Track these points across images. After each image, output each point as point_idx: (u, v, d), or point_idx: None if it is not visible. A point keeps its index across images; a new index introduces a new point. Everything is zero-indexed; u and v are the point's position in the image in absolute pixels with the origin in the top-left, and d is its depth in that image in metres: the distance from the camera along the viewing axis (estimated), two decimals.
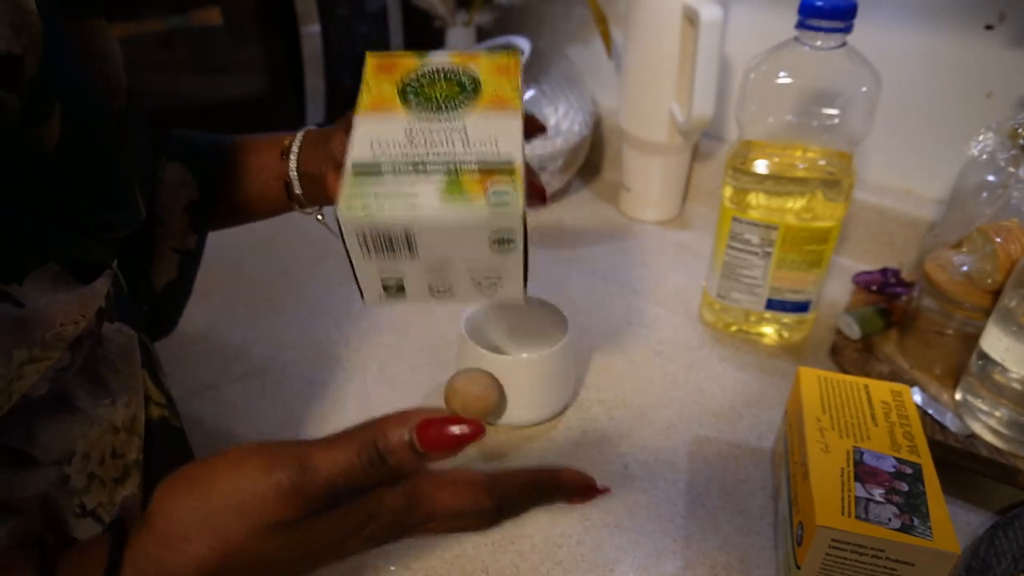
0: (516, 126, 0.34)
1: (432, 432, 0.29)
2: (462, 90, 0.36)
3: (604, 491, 0.34)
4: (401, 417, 0.29)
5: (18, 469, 0.31)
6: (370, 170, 0.32)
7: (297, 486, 0.27)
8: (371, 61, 0.38)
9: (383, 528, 0.30)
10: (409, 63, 0.37)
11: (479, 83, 0.36)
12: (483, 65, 0.37)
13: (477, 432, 0.29)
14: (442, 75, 0.37)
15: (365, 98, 0.36)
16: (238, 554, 0.28)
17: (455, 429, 0.29)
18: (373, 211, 0.31)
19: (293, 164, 0.50)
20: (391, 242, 0.32)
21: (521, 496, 0.33)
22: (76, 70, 0.36)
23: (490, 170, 0.32)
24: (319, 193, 0.51)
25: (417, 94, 0.36)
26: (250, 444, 0.29)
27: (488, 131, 0.34)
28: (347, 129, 0.44)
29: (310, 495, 0.28)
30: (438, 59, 0.38)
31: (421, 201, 0.31)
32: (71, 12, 0.37)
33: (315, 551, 0.30)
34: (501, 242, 0.32)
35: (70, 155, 0.34)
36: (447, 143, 0.33)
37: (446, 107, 0.35)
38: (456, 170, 0.32)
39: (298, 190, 0.50)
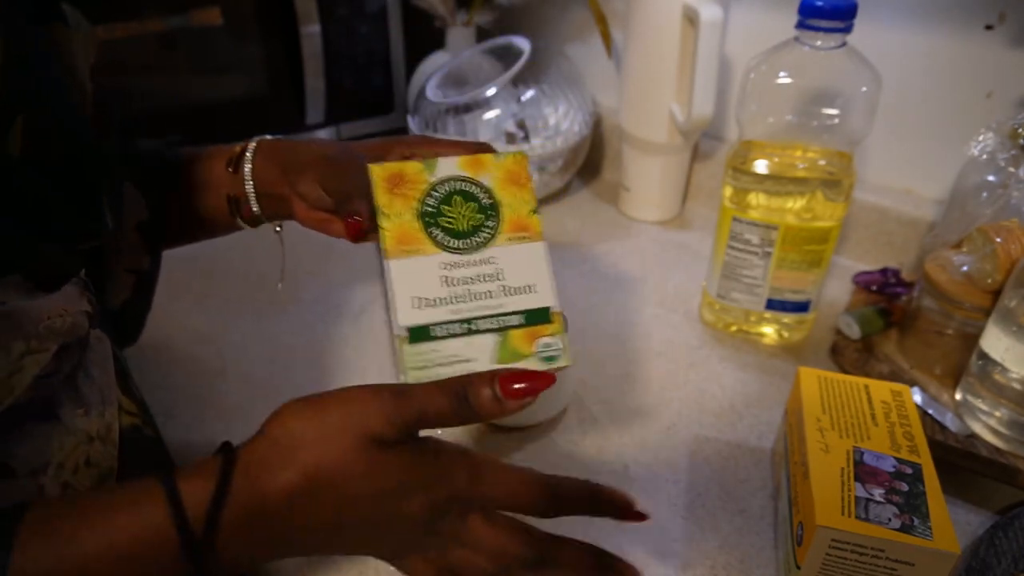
0: (542, 257, 0.37)
1: (511, 379, 0.33)
2: (483, 215, 0.37)
3: (644, 517, 0.35)
4: (486, 373, 0.33)
5: None
6: (422, 335, 0.35)
7: (398, 406, 0.32)
8: (376, 175, 0.37)
9: (442, 499, 0.32)
10: (418, 175, 0.37)
11: (497, 204, 0.37)
12: (494, 175, 0.38)
13: (549, 379, 0.33)
14: (458, 193, 0.37)
15: (387, 230, 0.37)
16: (340, 469, 0.31)
17: (528, 379, 0.33)
18: (435, 378, 0.34)
19: (248, 180, 0.48)
20: None
21: (575, 502, 0.34)
22: (41, 77, 0.36)
23: (535, 323, 0.36)
24: (277, 211, 0.50)
25: (439, 225, 0.37)
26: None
27: (521, 270, 0.36)
28: (316, 166, 0.44)
29: (406, 417, 0.32)
30: (446, 169, 0.38)
31: (476, 366, 0.35)
32: (35, 20, 0.37)
33: (388, 503, 0.32)
34: None
35: (36, 163, 0.33)
36: (487, 293, 0.36)
37: (472, 238, 0.37)
38: (504, 329, 0.36)
39: (255, 207, 0.49)
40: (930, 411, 0.54)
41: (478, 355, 0.36)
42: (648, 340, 0.68)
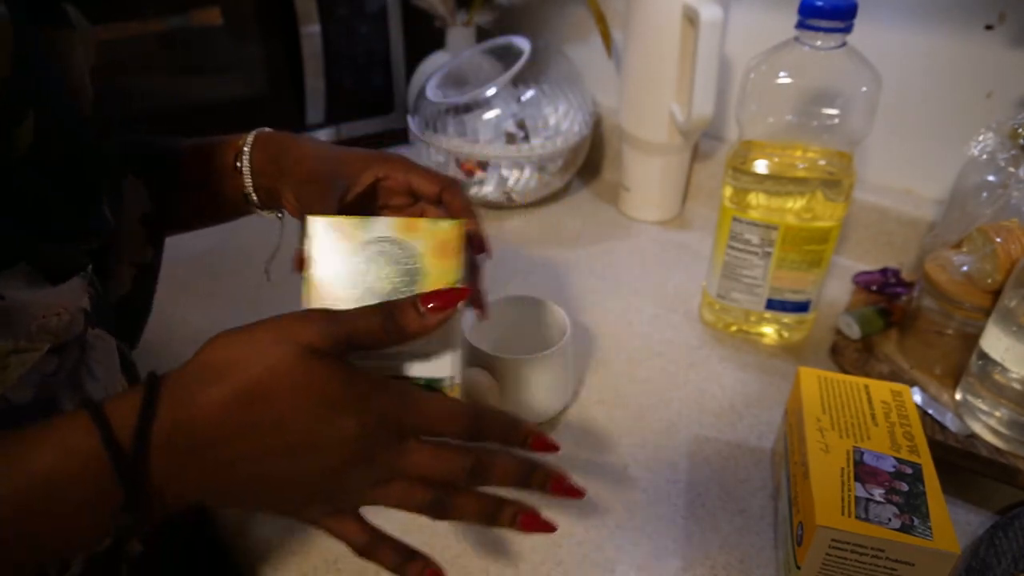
0: (453, 328, 0.38)
1: (430, 299, 0.35)
2: (407, 278, 0.38)
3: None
4: (409, 297, 0.35)
5: None
6: None
7: (330, 322, 0.33)
8: (311, 223, 0.38)
9: (374, 421, 0.32)
10: (352, 230, 0.39)
11: (420, 272, 0.39)
12: (426, 241, 0.39)
13: (463, 293, 0.36)
14: (385, 255, 0.38)
15: (308, 281, 0.38)
16: (275, 378, 0.31)
17: (445, 295, 0.35)
18: None
19: (247, 173, 0.50)
20: None
21: (499, 433, 0.36)
22: (46, 77, 0.36)
23: (434, 391, 0.38)
24: (273, 203, 0.51)
25: (363, 284, 0.38)
26: None
27: (431, 338, 0.37)
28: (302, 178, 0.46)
29: (338, 333, 0.33)
30: (380, 229, 0.38)
31: None
32: (37, 21, 0.37)
33: (324, 419, 0.31)
34: None
35: (41, 161, 0.34)
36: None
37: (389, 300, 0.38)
38: None
39: (254, 198, 0.50)
40: (930, 411, 0.54)
41: None
42: (648, 340, 0.68)
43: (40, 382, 0.32)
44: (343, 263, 0.38)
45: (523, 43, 0.88)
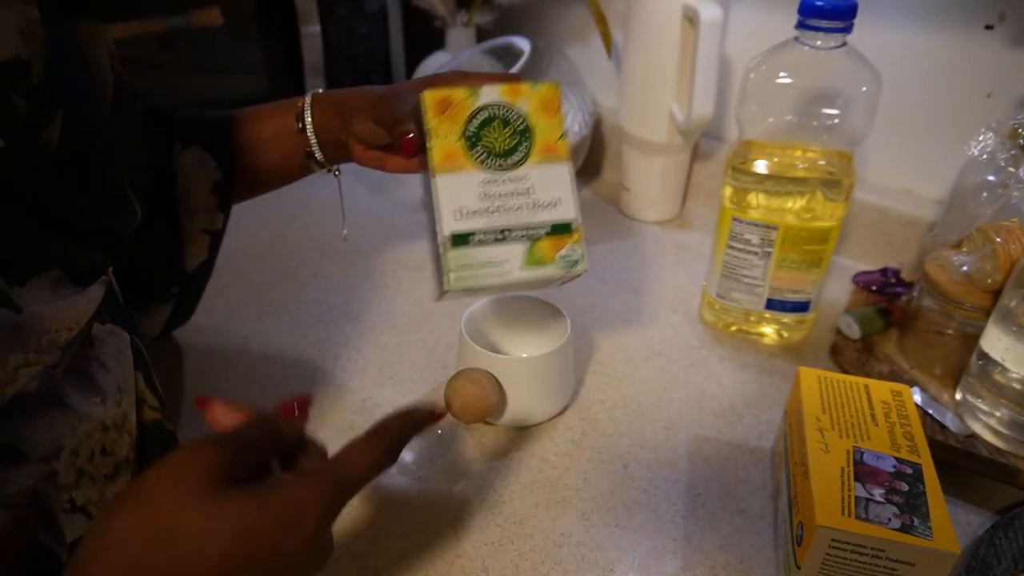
0: (567, 177, 0.42)
1: (286, 404, 0.35)
2: (518, 138, 0.42)
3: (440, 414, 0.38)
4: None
5: (7, 465, 0.31)
6: (462, 241, 0.41)
7: (218, 439, 0.30)
8: (428, 99, 0.42)
9: (316, 519, 0.30)
10: (463, 101, 0.42)
11: (531, 129, 0.42)
12: (530, 102, 0.43)
13: (304, 403, 0.36)
14: (498, 118, 0.42)
15: (435, 148, 0.41)
16: (176, 530, 0.26)
17: (299, 403, 0.36)
18: (473, 282, 0.40)
19: (310, 132, 0.52)
20: (483, 290, 0.43)
21: (407, 433, 0.36)
22: (72, 72, 0.37)
23: (559, 234, 0.42)
24: (339, 157, 0.54)
25: (481, 146, 0.41)
26: None
27: (548, 187, 0.42)
28: (371, 107, 0.49)
29: (231, 444, 0.30)
30: (488, 96, 0.42)
31: (508, 268, 0.41)
32: (65, 15, 0.37)
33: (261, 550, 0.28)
34: (567, 278, 0.44)
35: (67, 158, 0.34)
36: (519, 208, 0.41)
37: (508, 158, 0.42)
38: (532, 238, 0.41)
39: (319, 156, 0.53)
40: (930, 411, 0.54)
41: (509, 258, 0.41)
42: (648, 340, 0.68)
43: (43, 374, 0.32)
44: (459, 131, 0.41)
45: (523, 43, 0.88)
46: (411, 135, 0.44)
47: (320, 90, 0.54)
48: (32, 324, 0.31)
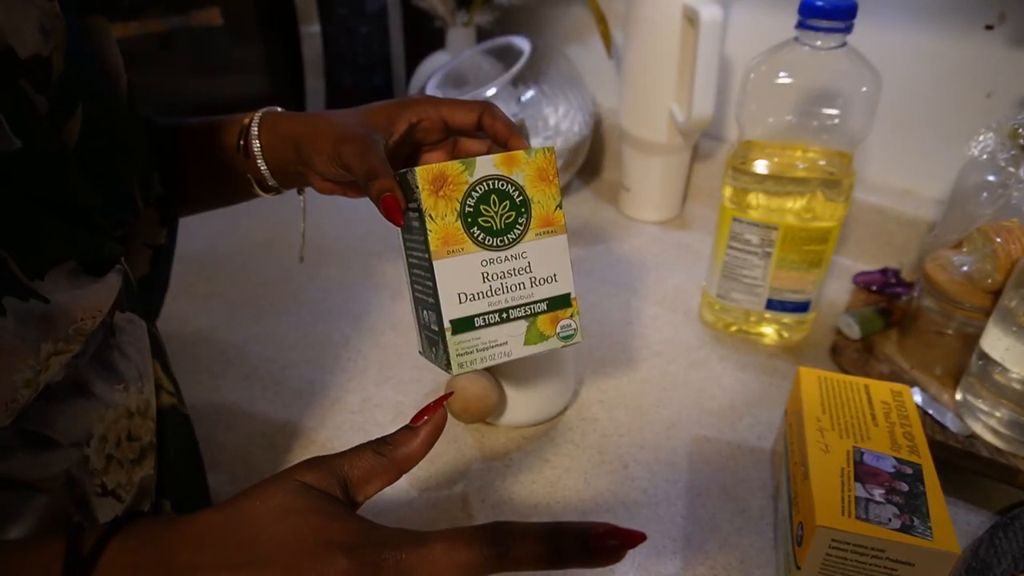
0: (564, 249, 0.41)
1: (420, 413, 0.34)
2: (515, 212, 0.41)
3: (635, 539, 0.30)
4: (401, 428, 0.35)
5: (41, 451, 0.32)
6: (464, 326, 0.40)
7: (319, 459, 0.31)
8: (422, 178, 0.40)
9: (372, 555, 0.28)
10: (458, 176, 0.40)
11: (528, 202, 0.41)
12: (526, 172, 0.41)
13: (445, 396, 0.35)
14: (494, 192, 0.41)
15: (433, 232, 0.39)
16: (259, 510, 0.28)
17: (431, 405, 0.34)
18: (477, 365, 0.40)
19: (260, 161, 0.48)
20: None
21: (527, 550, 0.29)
22: (89, 69, 0.37)
23: (557, 308, 0.41)
24: (296, 183, 0.50)
25: (479, 225, 0.40)
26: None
27: (546, 262, 0.41)
28: (345, 144, 0.44)
29: (328, 467, 0.31)
30: (484, 169, 0.40)
31: (509, 349, 0.40)
32: (79, 10, 0.38)
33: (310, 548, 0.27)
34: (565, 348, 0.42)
35: (85, 153, 0.34)
36: (519, 285, 0.40)
37: (507, 235, 0.41)
38: (531, 313, 0.41)
39: (271, 182, 0.49)
40: (930, 411, 0.54)
41: (510, 339, 0.40)
42: (648, 340, 0.68)
43: (69, 363, 0.33)
44: (455, 210, 0.40)
45: (523, 43, 0.88)
46: (391, 194, 0.40)
47: (277, 108, 0.49)
48: (59, 314, 0.31)
